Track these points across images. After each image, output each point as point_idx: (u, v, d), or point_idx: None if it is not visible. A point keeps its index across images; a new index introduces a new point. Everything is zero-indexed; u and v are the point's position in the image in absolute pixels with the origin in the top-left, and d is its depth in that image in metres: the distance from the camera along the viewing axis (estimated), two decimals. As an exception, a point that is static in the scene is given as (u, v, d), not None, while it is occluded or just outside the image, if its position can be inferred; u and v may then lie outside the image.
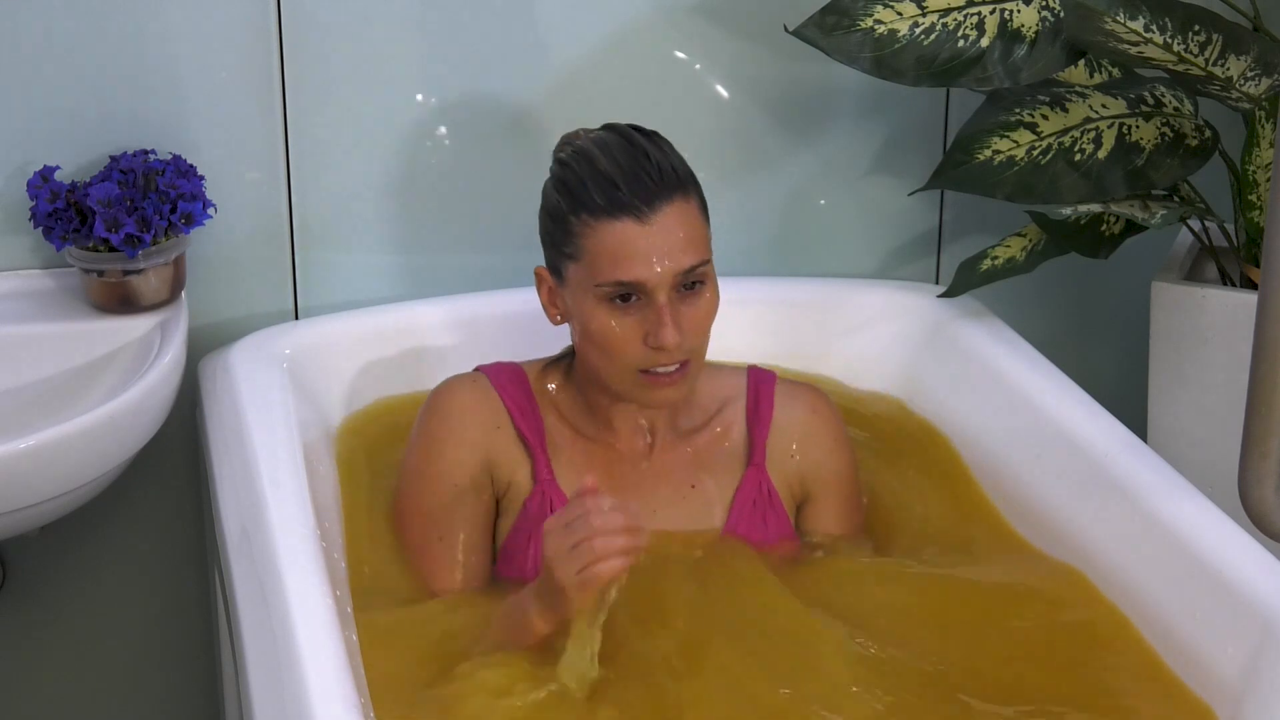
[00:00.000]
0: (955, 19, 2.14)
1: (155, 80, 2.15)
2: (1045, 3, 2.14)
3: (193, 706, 2.43)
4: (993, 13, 2.14)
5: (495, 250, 2.32)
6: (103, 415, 1.91)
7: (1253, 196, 2.24)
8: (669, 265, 1.81)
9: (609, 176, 1.82)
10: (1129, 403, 2.32)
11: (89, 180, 2.09)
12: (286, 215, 2.25)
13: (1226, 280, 2.32)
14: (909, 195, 2.41)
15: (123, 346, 2.08)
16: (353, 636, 1.74)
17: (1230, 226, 2.32)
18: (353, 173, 2.26)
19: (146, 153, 2.12)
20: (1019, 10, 2.14)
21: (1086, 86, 2.26)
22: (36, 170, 2.09)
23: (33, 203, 2.08)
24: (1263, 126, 2.22)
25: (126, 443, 2.00)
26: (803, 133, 2.40)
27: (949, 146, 2.30)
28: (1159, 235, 2.35)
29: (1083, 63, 2.29)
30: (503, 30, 2.25)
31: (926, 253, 2.50)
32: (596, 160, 1.84)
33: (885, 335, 2.32)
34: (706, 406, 2.01)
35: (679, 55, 2.33)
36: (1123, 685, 1.79)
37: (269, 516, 1.81)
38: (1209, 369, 2.22)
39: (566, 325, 1.95)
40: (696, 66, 2.34)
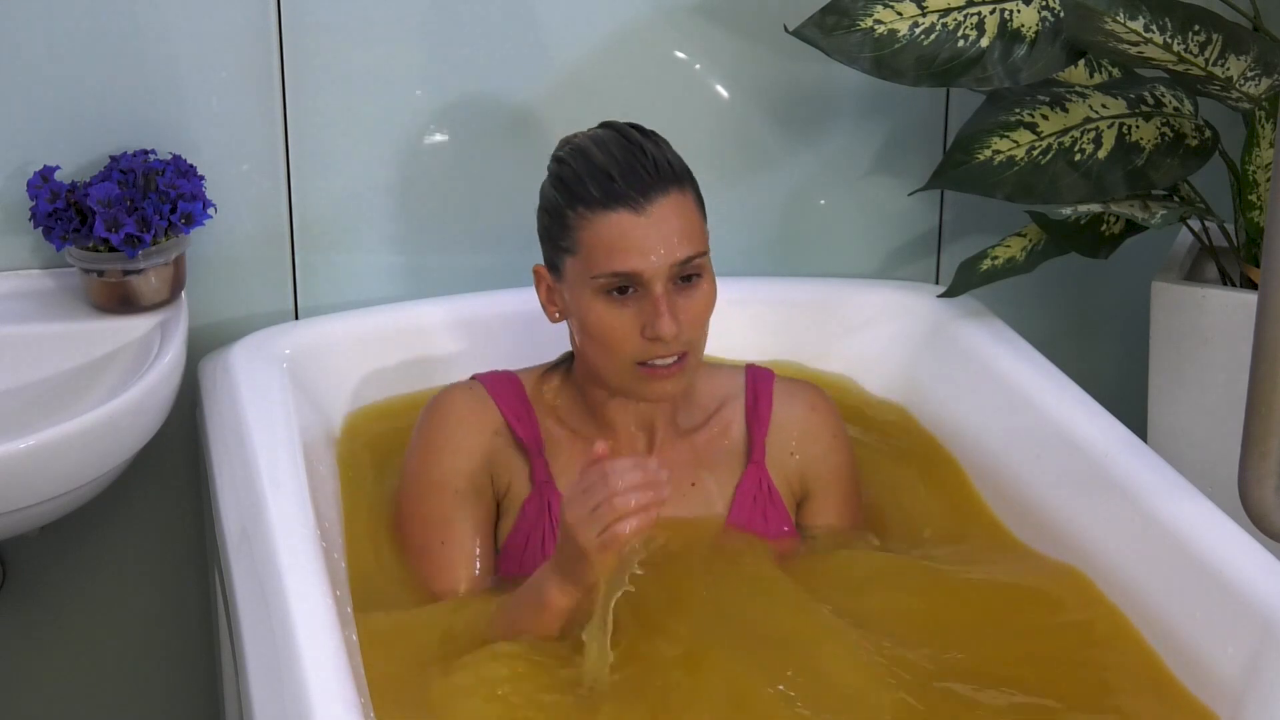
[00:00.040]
0: (955, 19, 2.14)
1: (155, 80, 2.15)
2: (1045, 3, 2.14)
3: (193, 706, 2.43)
4: (993, 13, 2.14)
5: (495, 250, 2.32)
6: (103, 415, 1.91)
7: (1253, 196, 2.24)
8: (665, 256, 1.82)
9: (605, 169, 1.83)
10: (1129, 403, 2.32)
11: (89, 180, 2.09)
12: (286, 215, 2.25)
13: (1226, 280, 2.32)
14: (909, 195, 2.41)
15: (123, 346, 2.08)
16: (353, 636, 1.73)
17: (1230, 226, 2.32)
18: (353, 173, 2.26)
19: (146, 153, 2.12)
20: (1019, 10, 2.14)
21: (1086, 86, 2.26)
22: (36, 170, 2.09)
23: (33, 203, 2.08)
24: (1263, 126, 2.22)
25: (126, 443, 2.00)
26: (803, 133, 2.40)
27: (949, 146, 2.30)
28: (1159, 235, 2.35)
29: (1083, 63, 2.29)
30: (503, 30, 2.25)
31: (926, 253, 2.50)
32: (592, 155, 1.85)
33: (885, 335, 2.32)
34: (705, 405, 2.01)
35: (679, 55, 2.33)
36: (1122, 686, 1.78)
37: (269, 516, 1.81)
38: (1209, 369, 2.22)
39: (566, 327, 1.96)
40: (696, 66, 2.34)
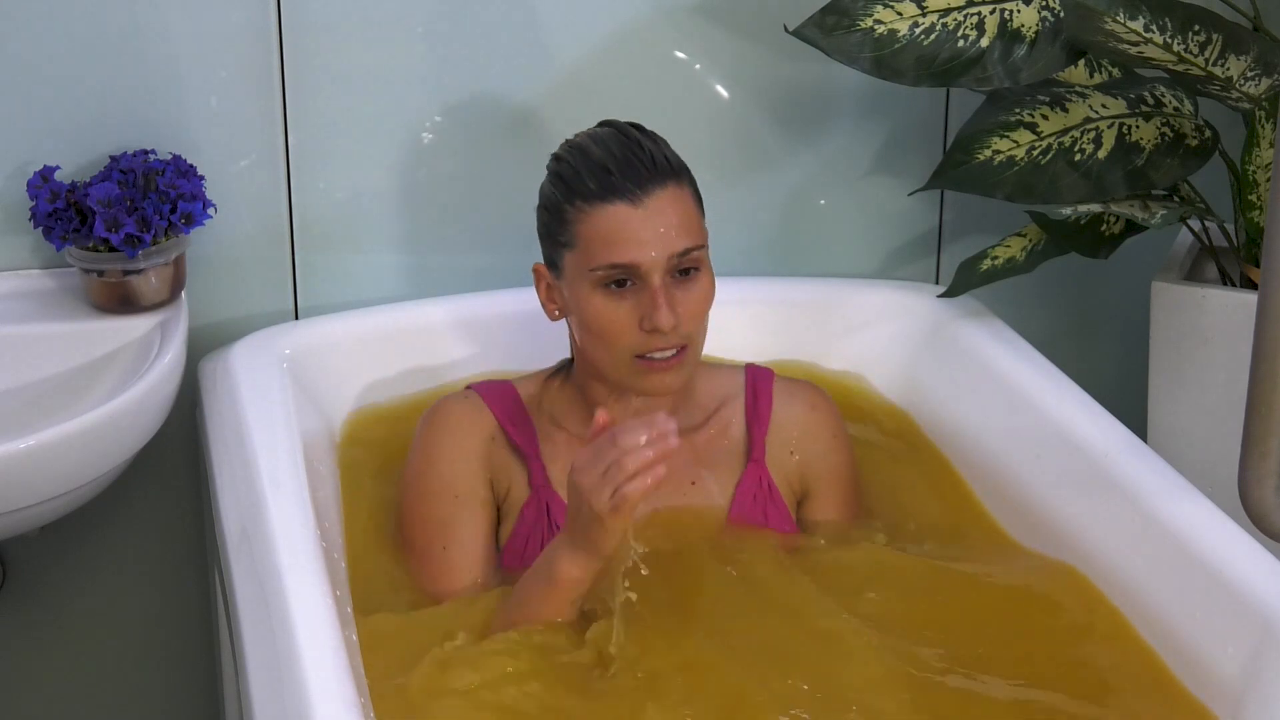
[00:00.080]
0: (955, 19, 2.14)
1: (155, 80, 2.15)
2: (1045, 3, 2.14)
3: (193, 706, 2.43)
4: (993, 13, 2.14)
5: (495, 250, 2.31)
6: (103, 415, 1.91)
7: (1253, 196, 2.24)
8: (662, 247, 1.83)
9: (602, 164, 1.85)
10: (1129, 403, 2.32)
11: (89, 180, 2.09)
12: (286, 215, 2.25)
13: (1226, 280, 2.32)
14: (909, 195, 2.41)
15: (123, 346, 2.08)
16: (353, 636, 1.73)
17: (1230, 226, 2.32)
18: (353, 172, 2.26)
19: (146, 153, 2.12)
20: (1019, 10, 2.14)
21: (1086, 86, 2.26)
22: (36, 170, 2.09)
23: (33, 203, 2.07)
24: (1263, 126, 2.22)
25: (126, 443, 2.00)
26: (803, 133, 2.40)
27: (949, 146, 2.29)
28: (1159, 235, 2.35)
29: (1083, 63, 2.29)
30: (502, 30, 2.25)
31: (926, 253, 2.50)
32: (590, 151, 1.87)
33: (885, 335, 2.32)
34: (705, 405, 2.01)
35: (679, 55, 2.33)
36: (1122, 685, 1.78)
37: (269, 516, 1.81)
38: (1209, 369, 2.22)
39: (566, 327, 1.96)
40: (696, 66, 2.34)
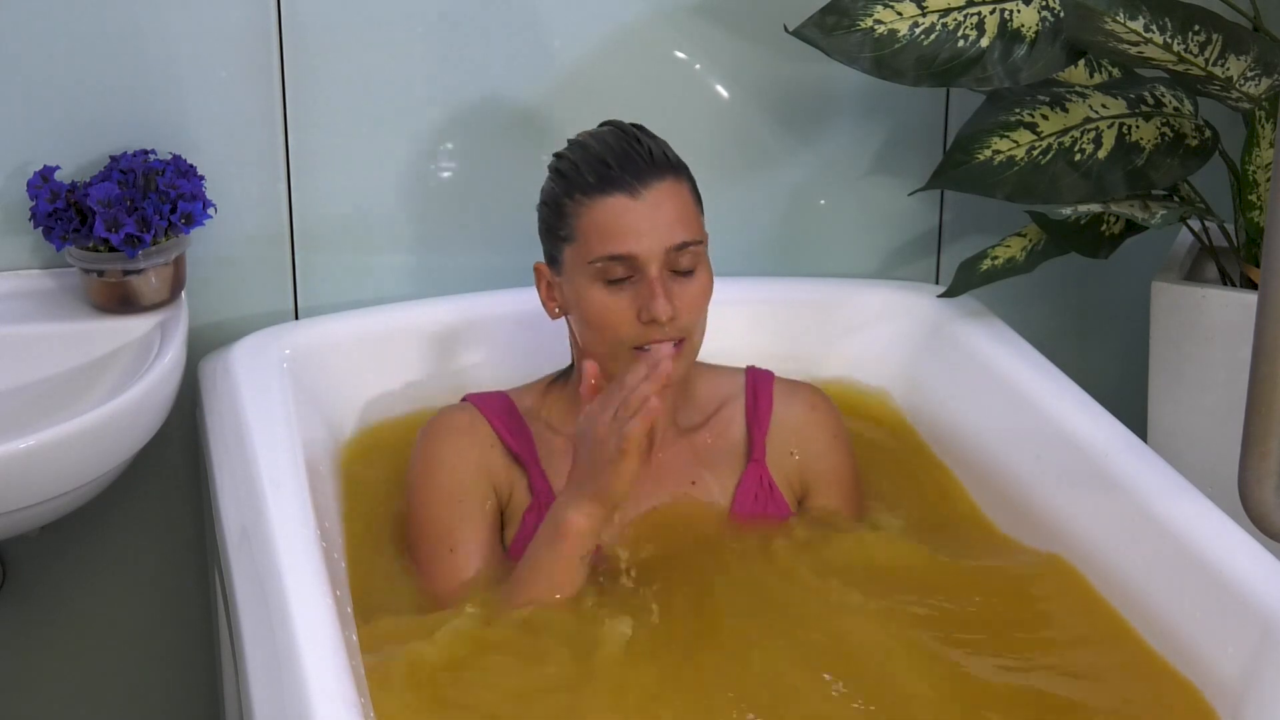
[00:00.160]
0: (955, 19, 2.14)
1: (155, 80, 2.15)
2: (1045, 3, 2.14)
3: (193, 706, 2.43)
4: (993, 13, 2.14)
5: (496, 250, 2.31)
6: (103, 415, 1.91)
7: (1253, 196, 2.24)
8: (660, 239, 1.85)
9: (601, 158, 1.88)
10: (1129, 403, 2.32)
11: (89, 180, 2.09)
12: (286, 215, 2.25)
13: (1226, 280, 2.32)
14: (909, 195, 2.41)
15: (123, 346, 2.08)
16: (353, 636, 1.73)
17: (1230, 226, 2.32)
18: (353, 172, 2.26)
19: (146, 153, 2.12)
20: (1019, 10, 2.14)
21: (1086, 86, 2.26)
22: (36, 170, 2.08)
23: (33, 203, 2.07)
24: (1263, 126, 2.22)
25: (126, 443, 2.00)
26: (803, 133, 2.40)
27: (949, 146, 2.30)
28: (1159, 235, 2.35)
29: (1083, 63, 2.29)
30: (502, 30, 2.25)
31: (926, 253, 2.50)
32: (589, 146, 1.90)
33: (885, 335, 2.32)
34: (705, 406, 2.02)
35: (679, 55, 2.33)
36: (1119, 681, 1.78)
37: (269, 516, 1.81)
38: (1209, 369, 2.22)
39: (566, 328, 1.96)
40: (696, 66, 2.34)
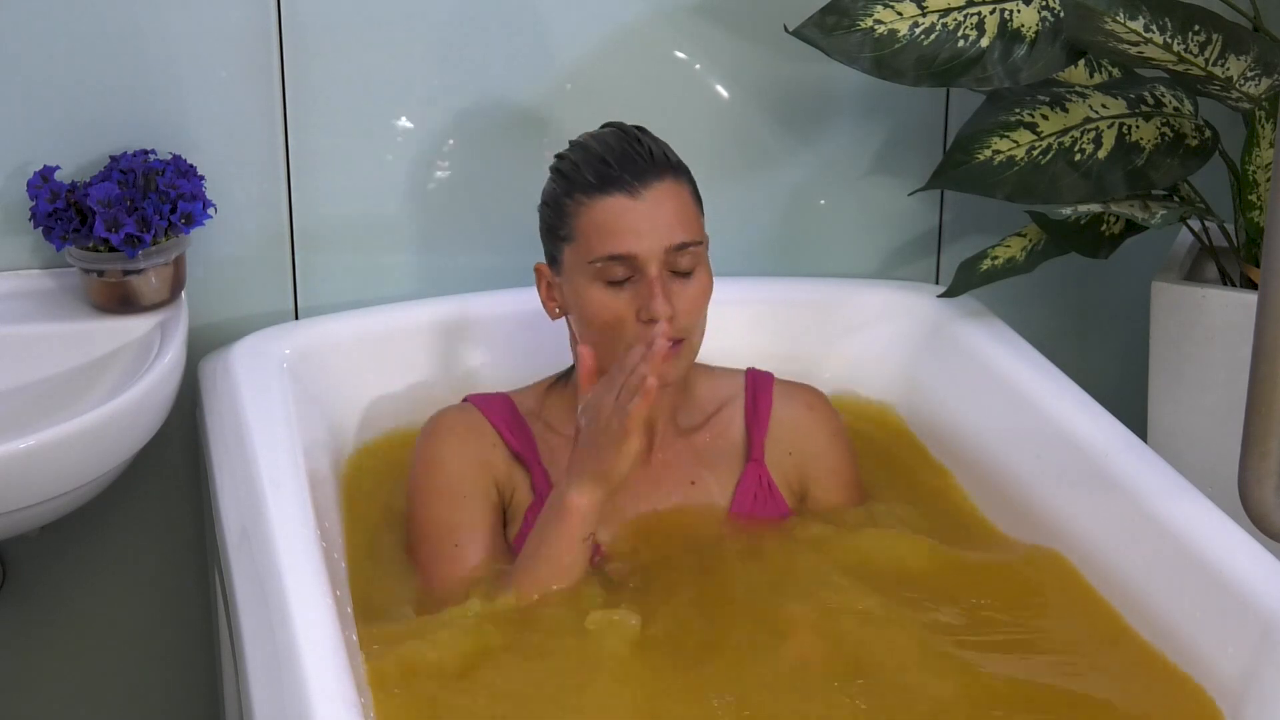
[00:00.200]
0: (955, 19, 2.14)
1: (155, 80, 2.15)
2: (1045, 3, 2.14)
3: (193, 706, 2.43)
4: (993, 13, 2.14)
5: (495, 250, 2.31)
6: (103, 415, 1.91)
7: (1253, 196, 2.24)
8: (659, 239, 1.86)
9: (601, 157, 1.89)
10: (1129, 403, 2.32)
11: (89, 180, 2.09)
12: (286, 215, 2.25)
13: (1226, 280, 2.32)
14: (909, 195, 2.41)
15: (123, 346, 2.08)
16: (353, 636, 1.73)
17: (1230, 226, 2.32)
18: (353, 172, 2.26)
19: (146, 153, 2.12)
20: (1019, 10, 2.14)
21: (1086, 86, 2.26)
22: (36, 170, 2.08)
23: (33, 203, 2.07)
24: (1263, 126, 2.22)
25: (126, 443, 2.00)
26: (803, 133, 2.40)
27: (949, 146, 2.30)
28: (1159, 235, 2.35)
29: (1083, 63, 2.29)
30: (503, 29, 2.25)
31: (926, 253, 2.50)
32: (590, 147, 1.91)
33: (885, 335, 2.32)
34: (705, 407, 2.02)
35: (679, 55, 2.33)
36: (1119, 679, 1.79)
37: (269, 516, 1.81)
38: (1209, 369, 2.22)
39: (566, 329, 1.96)
40: (696, 66, 2.34)
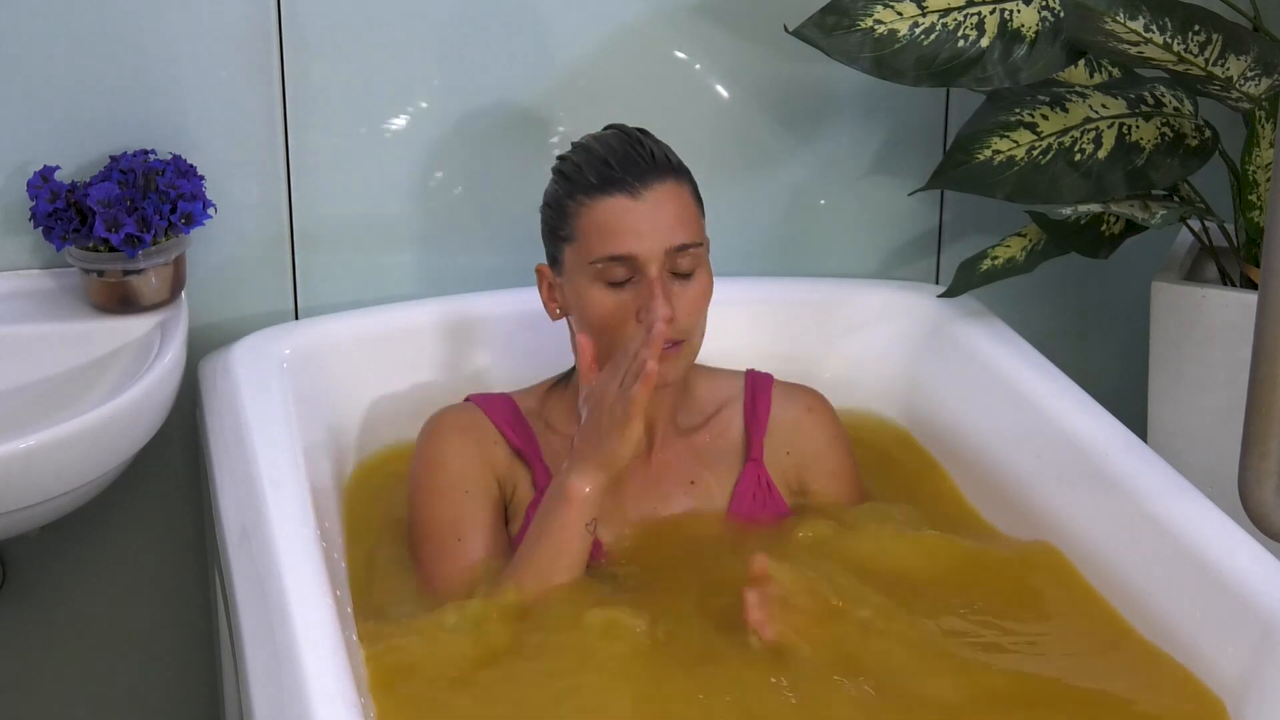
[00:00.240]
0: (955, 19, 2.14)
1: (155, 80, 2.15)
2: (1045, 3, 2.14)
3: (193, 706, 2.43)
4: (993, 13, 2.14)
5: (495, 250, 2.31)
6: (103, 415, 1.91)
7: (1253, 196, 2.24)
8: (660, 240, 1.86)
9: (603, 158, 1.89)
10: (1129, 403, 2.32)
11: (89, 180, 2.09)
12: (286, 215, 2.25)
13: (1226, 280, 2.32)
14: (909, 195, 2.41)
15: (123, 346, 2.08)
16: (353, 636, 1.73)
17: (1230, 226, 2.32)
18: (353, 172, 2.26)
19: (146, 153, 2.12)
20: (1019, 10, 2.14)
21: (1086, 86, 2.26)
22: (36, 170, 2.08)
23: (33, 203, 2.07)
24: (1263, 126, 2.22)
25: (126, 443, 2.00)
26: (803, 133, 2.40)
27: (949, 146, 2.30)
28: (1159, 235, 2.35)
29: (1083, 63, 2.29)
30: (503, 29, 2.25)
31: (926, 253, 2.50)
32: (592, 148, 1.92)
33: (885, 335, 2.32)
34: (705, 408, 2.03)
35: (679, 55, 2.33)
36: (1122, 677, 1.79)
37: (269, 516, 1.81)
38: (1209, 369, 2.22)
39: (567, 330, 1.96)
40: (696, 66, 2.34)
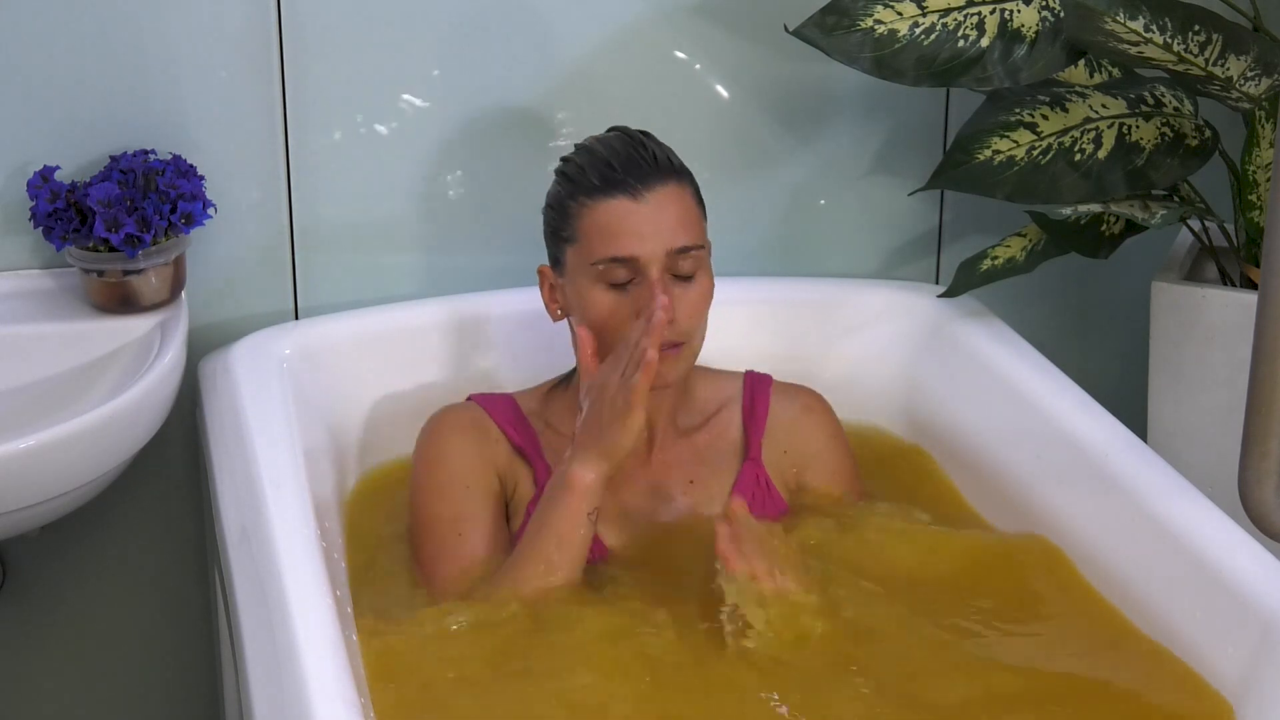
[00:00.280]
0: (955, 19, 2.14)
1: (155, 80, 2.15)
2: (1045, 3, 2.14)
3: (193, 706, 2.43)
4: (993, 13, 2.14)
5: (495, 250, 2.31)
6: (103, 415, 1.91)
7: (1253, 196, 2.24)
8: (662, 241, 1.87)
9: (606, 160, 1.90)
10: (1129, 403, 2.32)
11: (89, 180, 2.09)
12: (287, 215, 2.25)
13: (1226, 280, 2.32)
14: (909, 195, 2.41)
15: (123, 346, 2.08)
16: (353, 636, 1.73)
17: (1230, 226, 2.32)
18: (353, 172, 2.26)
19: (146, 153, 2.12)
20: (1019, 10, 2.14)
21: (1086, 86, 2.26)
22: (36, 170, 2.09)
23: (33, 203, 2.07)
24: (1263, 126, 2.22)
25: (126, 443, 2.00)
26: (803, 133, 2.40)
27: (949, 146, 2.30)
28: (1159, 235, 2.35)
29: (1083, 63, 2.29)
30: (502, 30, 2.25)
31: (926, 253, 2.50)
32: (595, 150, 1.92)
33: (885, 335, 2.32)
34: (704, 408, 2.03)
35: (679, 55, 2.33)
36: (1124, 675, 1.79)
37: (269, 516, 1.81)
38: (1209, 369, 2.22)
39: (568, 331, 1.96)
40: (696, 66, 2.34)
